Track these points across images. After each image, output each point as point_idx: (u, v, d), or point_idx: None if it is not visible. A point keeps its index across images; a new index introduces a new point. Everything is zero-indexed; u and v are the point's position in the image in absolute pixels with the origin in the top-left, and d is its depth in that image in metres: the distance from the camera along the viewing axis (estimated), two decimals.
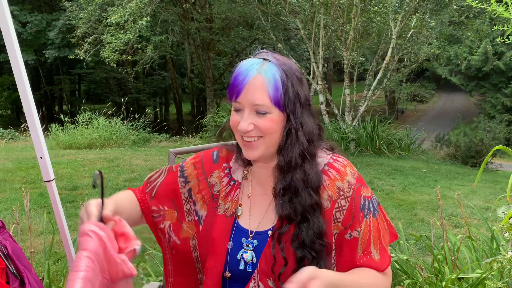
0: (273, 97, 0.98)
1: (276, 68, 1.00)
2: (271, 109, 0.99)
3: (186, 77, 20.67)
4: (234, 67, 1.04)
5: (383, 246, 1.04)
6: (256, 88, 0.98)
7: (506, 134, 16.79)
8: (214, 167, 1.16)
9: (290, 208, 1.01)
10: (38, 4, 19.43)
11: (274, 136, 1.01)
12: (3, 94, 19.90)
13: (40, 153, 1.60)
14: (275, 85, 0.98)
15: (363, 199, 1.04)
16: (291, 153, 1.01)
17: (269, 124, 1.00)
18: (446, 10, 9.01)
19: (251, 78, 0.98)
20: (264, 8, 10.36)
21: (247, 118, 1.00)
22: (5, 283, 1.36)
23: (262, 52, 1.04)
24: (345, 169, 1.05)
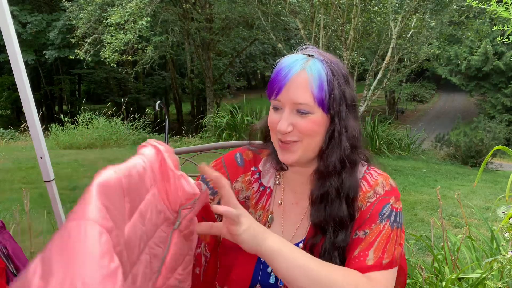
0: (317, 96, 0.90)
1: (322, 65, 0.92)
2: (313, 109, 0.91)
3: (186, 77, 20.66)
4: (276, 62, 0.97)
5: (382, 257, 0.92)
6: (299, 86, 0.90)
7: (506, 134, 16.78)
8: (239, 171, 1.07)
9: (323, 217, 0.94)
10: (38, 4, 19.42)
11: (315, 139, 0.94)
12: (3, 94, 19.90)
13: (40, 153, 1.60)
14: (320, 83, 0.91)
15: (388, 208, 0.95)
16: (331, 158, 0.94)
17: (310, 126, 0.92)
18: (446, 10, 9.01)
19: (294, 74, 0.91)
20: (264, 8, 10.36)
21: (287, 118, 0.92)
22: (5, 283, 1.36)
23: (307, 48, 0.97)
24: (377, 181, 0.98)
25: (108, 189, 0.56)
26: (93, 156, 8.09)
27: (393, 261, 0.92)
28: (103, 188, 0.56)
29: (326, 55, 0.96)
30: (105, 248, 0.50)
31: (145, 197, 0.67)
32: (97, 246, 0.49)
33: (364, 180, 0.99)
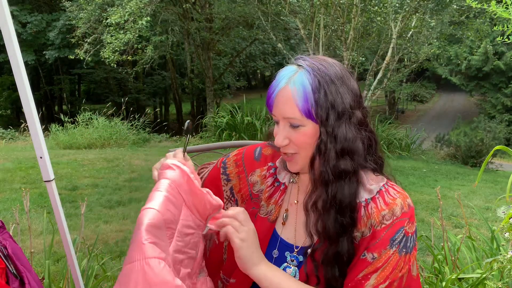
0: (303, 109, 0.90)
1: (308, 76, 0.91)
2: (303, 122, 0.92)
3: (186, 77, 20.66)
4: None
5: (383, 283, 0.91)
6: (285, 101, 0.92)
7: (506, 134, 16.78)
8: (255, 165, 1.10)
9: (316, 227, 0.95)
10: (38, 4, 19.42)
11: (309, 151, 0.95)
12: (3, 94, 19.89)
13: (40, 153, 1.60)
14: (304, 95, 0.90)
15: (401, 233, 0.92)
16: (319, 169, 0.94)
17: (303, 139, 0.93)
18: (446, 10, 9.00)
19: (279, 90, 0.93)
20: (264, 8, 10.35)
21: (282, 132, 0.95)
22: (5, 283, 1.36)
23: (299, 58, 0.97)
24: (395, 201, 0.95)
25: (153, 228, 0.72)
26: (93, 156, 8.09)
27: (393, 283, 0.91)
28: (151, 229, 0.72)
29: (316, 63, 0.93)
30: (169, 273, 0.69)
31: (180, 219, 0.81)
32: (167, 274, 0.68)
33: (381, 196, 0.96)
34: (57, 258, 3.44)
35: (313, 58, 0.95)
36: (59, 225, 1.72)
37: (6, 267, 1.38)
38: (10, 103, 20.81)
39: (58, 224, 1.72)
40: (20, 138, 12.36)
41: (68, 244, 1.75)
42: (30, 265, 1.49)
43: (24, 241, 3.00)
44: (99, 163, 7.41)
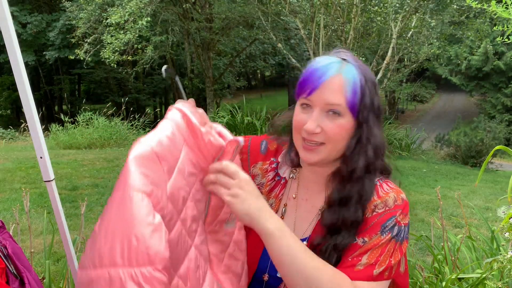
0: (350, 100, 0.92)
1: (356, 71, 0.94)
2: (344, 113, 0.92)
3: (186, 77, 20.66)
4: (309, 62, 0.98)
5: (374, 266, 0.91)
6: (334, 88, 0.91)
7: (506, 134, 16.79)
8: (259, 157, 1.10)
9: (336, 219, 0.94)
10: (38, 4, 19.42)
11: (339, 144, 0.95)
12: (3, 94, 19.90)
13: (40, 153, 1.60)
14: (353, 88, 0.92)
15: (392, 221, 0.94)
16: (356, 164, 0.95)
17: (337, 130, 0.93)
18: (447, 10, 9.00)
19: (330, 76, 0.92)
20: (264, 8, 10.35)
21: (316, 119, 0.93)
22: (5, 283, 1.36)
23: (340, 51, 0.98)
24: (388, 194, 0.97)
25: (143, 159, 0.70)
26: (93, 156, 8.10)
27: (384, 272, 0.91)
28: (139, 159, 0.69)
29: (359, 61, 0.97)
30: (147, 209, 0.65)
31: (180, 156, 0.78)
32: (142, 209, 0.64)
33: (375, 189, 0.98)
34: (57, 258, 3.44)
35: (352, 55, 0.98)
36: (59, 225, 1.72)
37: (6, 267, 1.38)
38: (10, 103, 20.83)
39: (58, 224, 1.72)
40: (20, 138, 12.37)
41: (68, 244, 1.75)
42: (30, 265, 1.49)
43: (24, 241, 3.00)
44: (99, 163, 7.41)
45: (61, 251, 3.47)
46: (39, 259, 3.26)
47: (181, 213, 0.76)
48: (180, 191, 0.76)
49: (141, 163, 0.69)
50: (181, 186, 0.77)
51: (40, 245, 3.59)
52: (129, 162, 0.68)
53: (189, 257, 0.78)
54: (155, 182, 0.69)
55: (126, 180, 0.66)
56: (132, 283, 0.61)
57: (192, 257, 0.79)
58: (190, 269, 0.77)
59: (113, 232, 0.64)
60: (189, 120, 0.81)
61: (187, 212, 0.78)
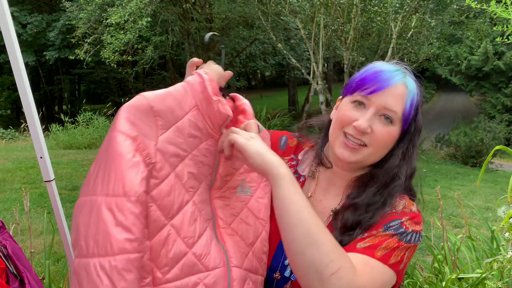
0: (407, 111, 0.93)
1: (416, 85, 0.96)
2: (396, 121, 0.93)
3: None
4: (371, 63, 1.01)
5: (376, 247, 0.88)
6: (398, 95, 0.92)
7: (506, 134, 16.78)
8: (277, 152, 1.06)
9: (355, 221, 0.93)
10: (38, 5, 19.42)
11: (381, 150, 0.95)
12: (3, 94, 19.89)
13: (40, 153, 1.60)
14: (412, 100, 0.94)
15: (397, 223, 0.92)
16: (399, 173, 0.96)
17: (386, 136, 0.93)
18: (447, 10, 9.00)
19: (397, 82, 0.93)
20: (264, 8, 10.35)
21: (370, 119, 0.92)
22: (5, 283, 1.36)
23: (400, 64, 1.00)
24: (400, 202, 0.97)
25: (134, 109, 0.76)
26: (93, 156, 8.09)
27: (388, 258, 0.87)
28: (130, 108, 0.76)
29: (415, 78, 0.98)
30: (129, 148, 0.72)
31: (183, 116, 0.82)
32: (123, 147, 0.72)
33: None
34: (57, 258, 3.44)
35: (409, 69, 1.00)
36: (59, 225, 1.72)
37: (6, 267, 1.38)
38: (10, 103, 20.82)
39: (58, 224, 1.72)
40: (20, 138, 12.37)
41: (68, 244, 1.75)
42: (30, 265, 1.49)
43: (24, 241, 3.00)
44: None
45: (61, 251, 3.47)
46: (39, 259, 3.26)
47: (175, 168, 0.80)
48: (175, 148, 0.80)
49: (132, 112, 0.75)
50: (177, 143, 0.81)
51: (40, 245, 3.59)
52: (121, 109, 0.75)
53: (185, 210, 0.81)
54: (142, 131, 0.75)
55: (115, 123, 0.75)
56: (107, 210, 0.69)
57: (189, 210, 0.81)
58: (184, 222, 0.80)
59: (98, 166, 0.73)
60: (205, 87, 0.85)
61: (184, 168, 0.82)
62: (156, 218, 0.75)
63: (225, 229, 0.90)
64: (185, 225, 0.80)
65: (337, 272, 0.77)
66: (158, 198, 0.76)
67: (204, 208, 0.86)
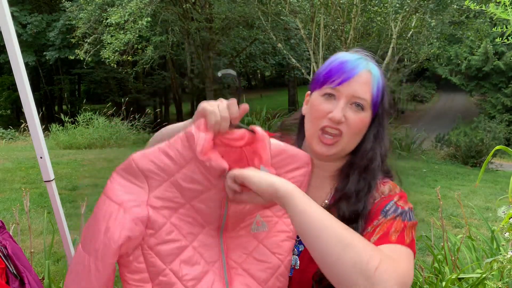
0: (374, 96, 0.97)
1: (379, 71, 1.00)
2: (367, 107, 0.97)
3: (186, 77, 20.66)
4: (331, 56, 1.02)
5: (388, 233, 0.89)
6: (364, 83, 0.96)
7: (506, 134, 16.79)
8: None
9: (351, 211, 0.95)
10: (38, 5, 19.42)
11: (356, 137, 0.99)
12: (3, 94, 19.89)
13: (40, 153, 1.60)
14: (378, 85, 0.98)
15: (391, 205, 0.95)
16: (374, 156, 0.99)
17: (359, 123, 0.96)
18: (447, 10, 9.00)
19: (362, 70, 0.96)
20: (264, 8, 10.35)
21: (343, 109, 0.95)
22: (5, 283, 1.36)
23: (360, 51, 1.02)
24: (384, 185, 1.00)
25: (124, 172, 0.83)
26: (93, 156, 8.10)
27: (402, 236, 0.89)
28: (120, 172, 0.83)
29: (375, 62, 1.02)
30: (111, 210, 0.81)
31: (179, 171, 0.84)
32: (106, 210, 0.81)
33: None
34: (57, 258, 3.44)
35: (370, 56, 1.03)
36: (59, 225, 1.72)
37: (6, 267, 1.38)
38: (10, 103, 20.82)
39: (58, 224, 1.72)
40: (20, 138, 12.37)
41: (68, 244, 1.75)
42: (30, 265, 1.49)
43: (24, 241, 3.00)
44: (99, 163, 7.41)
45: (61, 251, 3.47)
46: (39, 259, 3.26)
47: (170, 218, 0.85)
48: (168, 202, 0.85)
49: (122, 175, 0.83)
50: (170, 197, 0.85)
51: (40, 245, 3.59)
52: (113, 173, 0.83)
53: (183, 255, 0.85)
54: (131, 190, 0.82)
55: (106, 186, 0.83)
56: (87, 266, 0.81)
57: (187, 255, 0.86)
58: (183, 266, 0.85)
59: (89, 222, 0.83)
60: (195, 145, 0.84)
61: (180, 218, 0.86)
62: (154, 263, 0.83)
63: (235, 270, 0.90)
64: (185, 269, 0.84)
65: (380, 265, 0.76)
66: (154, 246, 0.83)
67: (207, 252, 0.88)
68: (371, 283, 0.74)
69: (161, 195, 0.84)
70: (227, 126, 0.84)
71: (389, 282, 0.75)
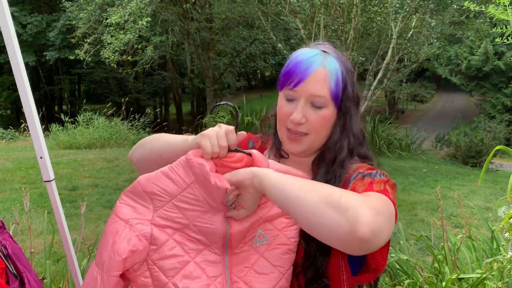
0: (333, 91, 0.97)
1: (337, 62, 0.98)
2: (328, 103, 0.97)
3: (186, 77, 20.65)
4: (291, 54, 1.02)
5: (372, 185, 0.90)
6: (319, 80, 0.96)
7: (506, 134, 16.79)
8: None
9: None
10: (38, 5, 19.41)
11: (322, 134, 1.00)
12: (3, 94, 19.89)
13: (40, 153, 1.60)
14: (336, 79, 0.97)
15: (355, 175, 0.96)
16: (341, 149, 1.00)
17: (321, 120, 0.98)
18: (447, 10, 9.00)
19: (315, 69, 0.96)
20: (264, 8, 10.35)
21: (302, 110, 0.97)
22: (5, 283, 1.36)
23: (320, 44, 1.02)
24: (353, 167, 1.01)
25: (131, 194, 0.92)
26: (93, 156, 8.10)
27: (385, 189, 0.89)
28: (128, 194, 0.93)
29: (338, 53, 1.01)
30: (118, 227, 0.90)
31: (180, 193, 0.91)
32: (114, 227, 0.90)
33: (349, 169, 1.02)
34: (57, 258, 3.44)
35: (332, 47, 1.02)
36: (59, 225, 1.72)
37: (6, 267, 1.38)
38: (10, 103, 20.82)
39: (58, 224, 1.72)
40: (20, 138, 12.37)
41: (68, 244, 1.75)
42: (30, 265, 1.49)
43: (24, 241, 3.00)
44: (99, 163, 7.41)
45: (61, 251, 3.47)
46: (39, 259, 3.26)
47: (173, 235, 0.92)
48: (170, 221, 0.92)
49: (129, 196, 0.92)
50: (172, 217, 0.92)
51: (40, 245, 3.59)
52: (122, 194, 0.92)
53: (185, 269, 0.91)
54: (138, 210, 0.91)
55: (115, 207, 0.92)
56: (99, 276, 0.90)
57: (189, 269, 0.92)
58: (184, 280, 0.90)
59: (103, 243, 0.91)
60: (201, 164, 0.89)
61: (183, 236, 0.93)
62: (158, 277, 0.90)
63: (237, 283, 0.93)
64: (186, 283, 0.90)
65: (343, 194, 0.79)
66: (157, 260, 0.90)
67: (209, 267, 0.93)
68: (340, 213, 0.75)
69: (164, 215, 0.91)
70: (225, 153, 0.90)
71: (357, 204, 0.76)
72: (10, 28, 1.48)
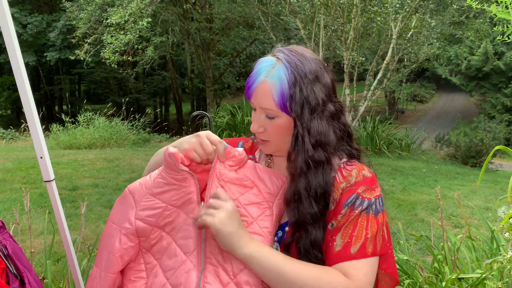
0: (278, 102, 0.97)
1: (285, 71, 0.97)
2: (278, 114, 0.99)
3: (186, 77, 20.66)
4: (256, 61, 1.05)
5: (350, 242, 0.93)
6: (263, 93, 0.98)
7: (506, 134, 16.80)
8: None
9: (297, 216, 0.97)
10: (38, 5, 19.42)
11: (283, 139, 1.02)
12: (3, 94, 19.90)
13: (40, 153, 1.60)
14: (280, 90, 0.96)
15: (353, 197, 0.95)
16: (296, 160, 0.98)
17: (276, 129, 1.01)
18: (447, 10, 9.00)
19: (259, 82, 0.99)
20: (264, 8, 10.35)
21: (258, 120, 1.02)
22: (5, 283, 1.36)
23: (279, 51, 1.02)
24: (351, 172, 0.99)
25: (122, 198, 1.07)
26: (93, 156, 8.09)
27: (365, 247, 0.93)
28: (119, 199, 1.07)
29: (294, 58, 0.98)
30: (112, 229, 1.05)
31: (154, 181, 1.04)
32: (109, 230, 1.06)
33: (339, 172, 1.00)
34: (57, 258, 3.44)
35: (291, 52, 1.00)
36: (59, 225, 1.72)
37: (6, 267, 1.39)
38: (10, 103, 20.82)
39: (58, 224, 1.72)
40: (20, 138, 12.37)
41: (68, 244, 1.75)
42: (30, 265, 1.49)
43: (24, 241, 3.01)
44: (99, 163, 7.41)
45: (61, 251, 3.47)
46: (39, 259, 3.26)
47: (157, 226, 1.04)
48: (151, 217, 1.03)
49: (120, 201, 1.06)
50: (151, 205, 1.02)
51: (40, 245, 3.59)
52: (117, 199, 1.06)
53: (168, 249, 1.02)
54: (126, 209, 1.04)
55: (112, 213, 1.07)
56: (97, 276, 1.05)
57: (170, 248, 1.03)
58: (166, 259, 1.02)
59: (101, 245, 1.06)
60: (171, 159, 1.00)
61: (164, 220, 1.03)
62: (150, 261, 1.04)
63: (210, 259, 1.00)
64: (167, 261, 1.02)
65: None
66: (148, 248, 1.04)
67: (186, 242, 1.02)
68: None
69: (144, 206, 1.02)
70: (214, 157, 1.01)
71: None
72: (10, 28, 1.48)
